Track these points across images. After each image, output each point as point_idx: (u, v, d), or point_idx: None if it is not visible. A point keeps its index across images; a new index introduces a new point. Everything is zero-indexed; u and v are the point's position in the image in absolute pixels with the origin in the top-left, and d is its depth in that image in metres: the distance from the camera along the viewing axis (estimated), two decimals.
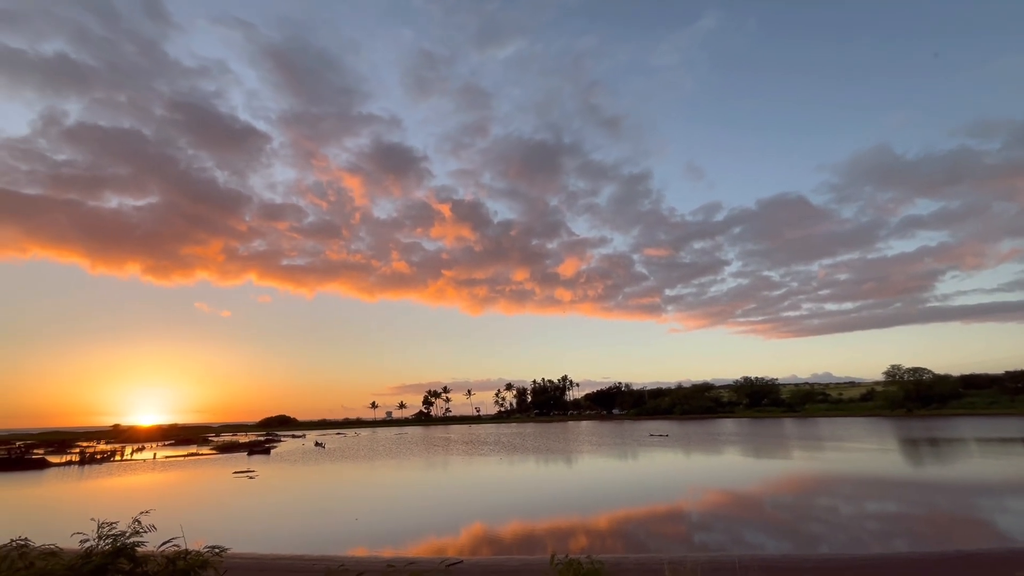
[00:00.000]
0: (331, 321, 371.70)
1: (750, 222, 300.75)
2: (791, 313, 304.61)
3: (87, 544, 2.44)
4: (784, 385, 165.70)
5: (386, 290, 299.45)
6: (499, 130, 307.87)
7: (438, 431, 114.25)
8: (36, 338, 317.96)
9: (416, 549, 14.95)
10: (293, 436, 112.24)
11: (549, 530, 16.88)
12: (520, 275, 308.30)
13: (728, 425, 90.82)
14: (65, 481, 36.91)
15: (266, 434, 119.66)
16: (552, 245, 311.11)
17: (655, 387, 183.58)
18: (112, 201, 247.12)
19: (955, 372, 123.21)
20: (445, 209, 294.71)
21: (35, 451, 62.75)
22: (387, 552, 14.47)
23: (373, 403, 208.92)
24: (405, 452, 54.35)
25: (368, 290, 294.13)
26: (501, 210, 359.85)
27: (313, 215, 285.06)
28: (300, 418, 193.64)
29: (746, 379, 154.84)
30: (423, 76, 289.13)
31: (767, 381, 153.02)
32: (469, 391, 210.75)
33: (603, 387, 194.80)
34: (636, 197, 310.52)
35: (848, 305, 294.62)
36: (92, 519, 2.74)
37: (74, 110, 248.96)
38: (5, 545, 2.86)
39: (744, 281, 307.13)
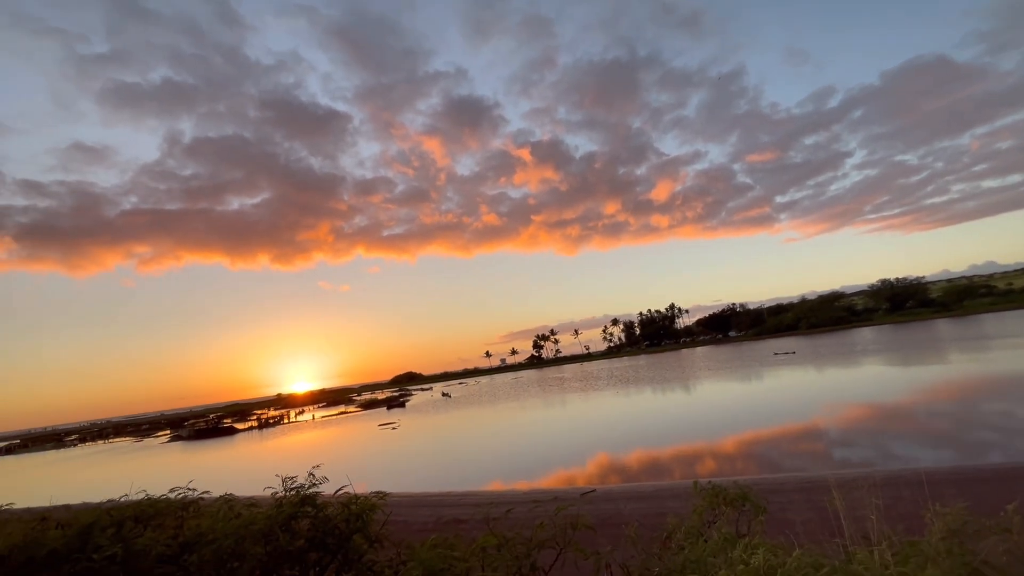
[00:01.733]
0: (436, 281, 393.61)
1: (873, 101, 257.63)
2: (936, 199, 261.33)
3: (277, 495, 2.90)
4: (934, 283, 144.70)
5: (481, 244, 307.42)
6: (567, 58, 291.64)
7: (551, 372, 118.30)
8: (204, 329, 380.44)
9: (547, 481, 15.93)
10: (421, 390, 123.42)
11: (674, 456, 16.96)
12: (611, 208, 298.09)
13: (866, 334, 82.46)
14: (253, 443, 44.54)
15: (398, 390, 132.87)
16: (641, 171, 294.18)
17: (774, 304, 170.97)
18: (234, 203, 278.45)
19: None
20: (524, 154, 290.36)
21: (225, 421, 76.10)
22: (522, 485, 15.61)
23: (487, 352, 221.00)
24: (524, 394, 57.23)
25: (464, 247, 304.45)
26: (582, 143, 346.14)
27: (402, 184, 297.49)
28: (424, 373, 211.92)
29: (884, 281, 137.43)
30: (480, 18, 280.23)
31: (911, 280, 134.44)
32: (576, 331, 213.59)
33: (715, 311, 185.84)
34: (729, 100, 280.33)
35: (1015, 178, 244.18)
36: (276, 475, 3.21)
37: (187, 128, 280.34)
38: (217, 499, 3.49)
39: (872, 172, 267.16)
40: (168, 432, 74.33)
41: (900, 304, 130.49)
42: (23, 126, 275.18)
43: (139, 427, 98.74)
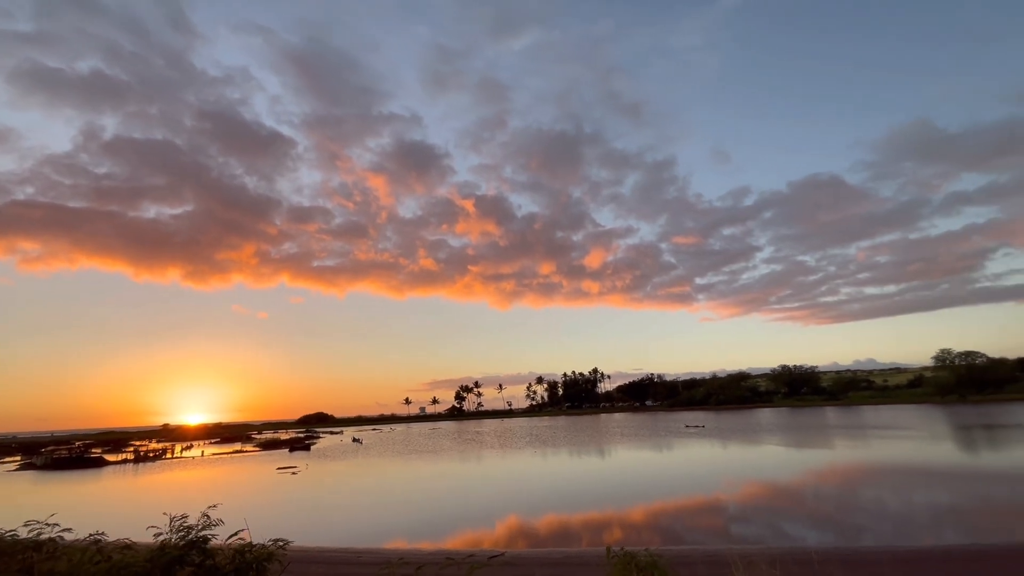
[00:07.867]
0: (363, 320, 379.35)
1: (781, 206, 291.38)
2: (829, 298, 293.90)
3: (161, 537, 2.55)
4: (824, 373, 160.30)
5: (415, 288, 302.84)
6: (518, 122, 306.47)
7: (471, 425, 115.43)
8: (88, 344, 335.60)
9: (453, 542, 15.16)
10: (331, 432, 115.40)
11: (584, 523, 16.85)
12: (546, 268, 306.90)
13: (766, 415, 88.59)
14: (122, 478, 38.97)
15: (305, 431, 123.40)
16: (577, 237, 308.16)
17: (689, 378, 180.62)
18: (150, 211, 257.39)
19: (1011, 355, 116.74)
20: (469, 205, 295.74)
21: (93, 450, 66.40)
22: (426, 545, 14.73)
23: (407, 399, 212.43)
24: (439, 447, 55.13)
25: (397, 288, 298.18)
26: (524, 203, 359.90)
27: (340, 216, 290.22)
28: (337, 415, 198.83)
29: (784, 367, 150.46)
30: (440, 71, 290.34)
31: (806, 369, 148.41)
32: (500, 385, 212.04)
33: (635, 379, 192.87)
34: (661, 185, 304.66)
35: (891, 288, 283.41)
36: (164, 513, 2.87)
37: (110, 124, 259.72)
38: (83, 539, 3.02)
39: (777, 267, 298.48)
40: (19, 458, 63.46)
41: (797, 389, 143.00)
42: None
43: None
